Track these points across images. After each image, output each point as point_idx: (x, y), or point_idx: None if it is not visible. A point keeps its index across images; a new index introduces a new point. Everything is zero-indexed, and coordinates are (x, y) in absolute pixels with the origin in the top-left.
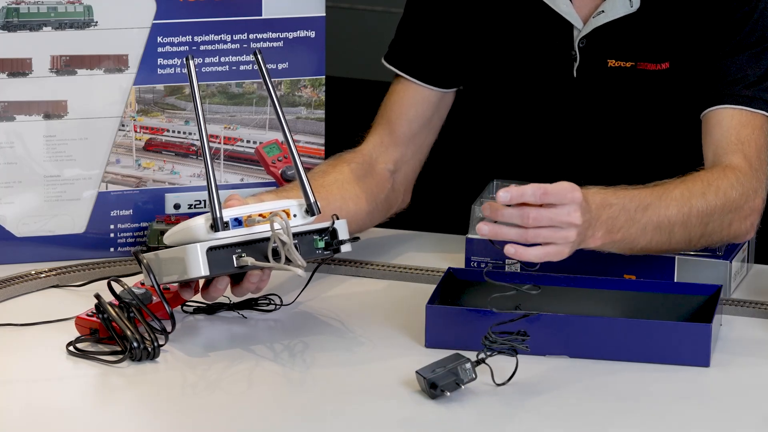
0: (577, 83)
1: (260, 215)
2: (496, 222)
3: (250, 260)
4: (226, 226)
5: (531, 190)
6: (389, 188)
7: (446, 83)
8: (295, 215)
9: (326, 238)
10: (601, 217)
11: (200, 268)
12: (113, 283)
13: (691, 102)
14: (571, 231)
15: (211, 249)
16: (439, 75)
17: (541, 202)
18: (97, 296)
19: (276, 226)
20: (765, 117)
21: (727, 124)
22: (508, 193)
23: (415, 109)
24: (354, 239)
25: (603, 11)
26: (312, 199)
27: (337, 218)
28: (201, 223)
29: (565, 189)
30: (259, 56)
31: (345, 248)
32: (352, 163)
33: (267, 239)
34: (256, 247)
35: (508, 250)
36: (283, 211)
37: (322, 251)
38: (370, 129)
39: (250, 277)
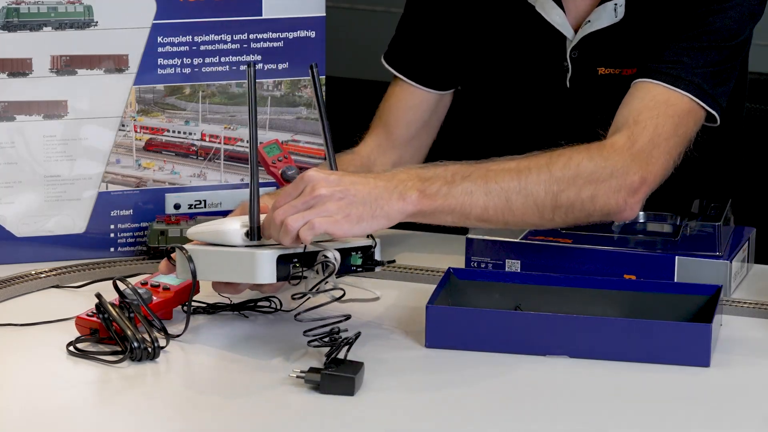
0: (569, 93)
1: None
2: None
3: (306, 273)
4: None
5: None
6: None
7: (443, 85)
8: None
9: (362, 256)
10: (410, 182)
11: (269, 275)
12: (119, 282)
13: None
14: (320, 205)
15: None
16: (436, 77)
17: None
18: (98, 296)
19: (327, 252)
20: (691, 103)
21: (635, 105)
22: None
23: (413, 111)
24: (390, 262)
25: (590, 21)
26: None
27: (374, 238)
28: (237, 228)
29: (298, 178)
30: (251, 70)
31: (377, 269)
32: (349, 166)
33: (315, 253)
34: (306, 258)
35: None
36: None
37: (356, 268)
38: (368, 130)
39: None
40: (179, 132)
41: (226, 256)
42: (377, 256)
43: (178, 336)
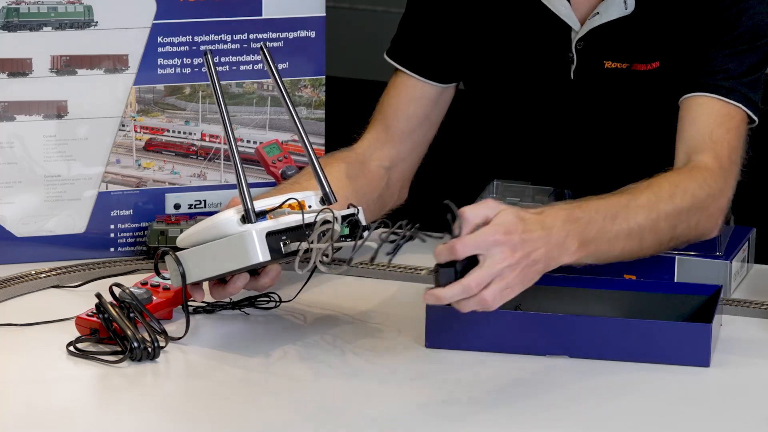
0: (574, 85)
1: (289, 206)
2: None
3: (303, 244)
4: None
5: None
6: (383, 186)
7: (445, 78)
8: (310, 206)
9: (347, 225)
10: (571, 232)
11: (260, 253)
12: (114, 288)
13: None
14: (501, 280)
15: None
16: (438, 70)
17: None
18: (98, 296)
19: (327, 216)
20: (743, 112)
21: (703, 121)
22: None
23: (413, 105)
24: (376, 224)
25: (598, 13)
26: (327, 189)
27: (354, 206)
28: (231, 215)
29: (481, 238)
30: (265, 50)
31: (366, 234)
32: (343, 163)
33: (308, 225)
34: (295, 234)
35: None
36: (300, 202)
37: (346, 239)
38: (368, 125)
39: (270, 272)
40: (179, 132)
41: (215, 248)
42: (363, 222)
43: (179, 338)
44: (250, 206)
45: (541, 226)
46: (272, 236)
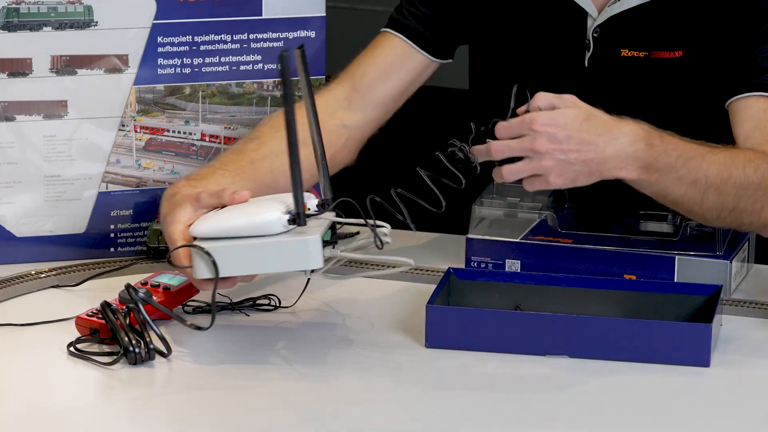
0: (588, 73)
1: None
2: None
3: (345, 254)
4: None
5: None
6: (339, 146)
7: (439, 52)
8: (309, 209)
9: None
10: (639, 152)
11: (319, 259)
12: (129, 290)
13: (705, 89)
14: (542, 165)
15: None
16: (435, 42)
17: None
18: (106, 304)
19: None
20: None
21: (760, 116)
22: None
23: (397, 73)
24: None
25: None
26: (328, 193)
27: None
28: (278, 216)
29: (527, 117)
30: (299, 54)
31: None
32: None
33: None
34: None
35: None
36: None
37: (331, 243)
38: (339, 77)
39: None
40: (179, 132)
41: (262, 248)
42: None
43: (207, 328)
44: (302, 209)
45: (603, 133)
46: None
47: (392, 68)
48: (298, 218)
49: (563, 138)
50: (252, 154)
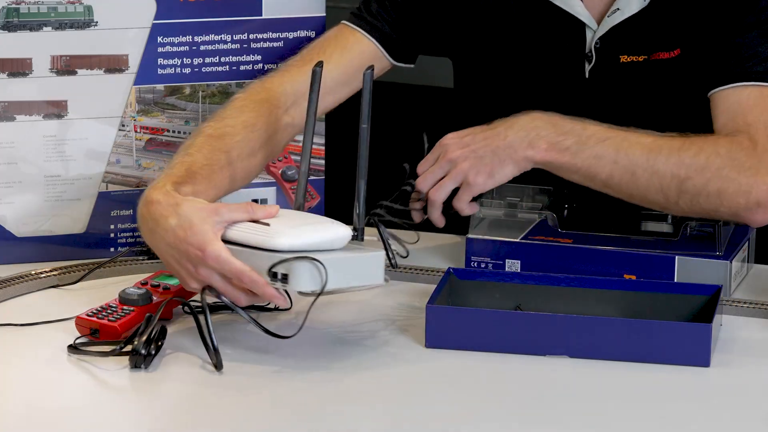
0: (589, 83)
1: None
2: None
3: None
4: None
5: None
6: (282, 144)
7: (408, 60)
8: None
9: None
10: (542, 131)
11: (383, 275)
12: (207, 290)
13: (702, 85)
14: (459, 168)
15: None
16: (405, 50)
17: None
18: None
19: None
20: None
21: (734, 109)
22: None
23: (358, 79)
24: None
25: (618, 9)
26: (301, 200)
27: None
28: (349, 233)
29: (437, 145)
30: (369, 74)
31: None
32: (255, 129)
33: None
34: None
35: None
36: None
37: None
38: (299, 62)
39: None
40: (179, 132)
41: (356, 262)
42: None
43: (291, 337)
44: (362, 225)
45: (508, 125)
46: None
47: (355, 73)
48: (360, 234)
49: (469, 140)
50: (221, 156)
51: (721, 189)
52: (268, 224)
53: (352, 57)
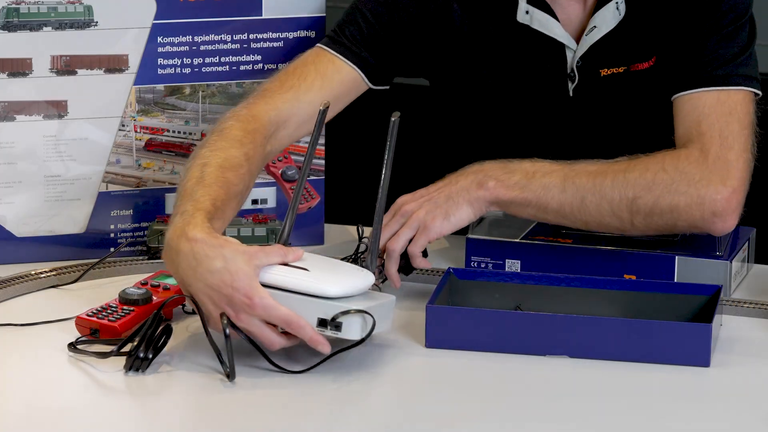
0: (573, 101)
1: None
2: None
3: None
4: None
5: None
6: (258, 170)
7: (384, 82)
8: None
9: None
10: (490, 171)
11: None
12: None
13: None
14: (414, 216)
15: None
16: (383, 74)
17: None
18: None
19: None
20: (743, 92)
21: (691, 117)
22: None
23: (336, 106)
24: None
25: (595, 26)
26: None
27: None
28: (373, 278)
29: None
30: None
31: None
32: (254, 161)
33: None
34: None
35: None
36: None
37: None
38: (285, 86)
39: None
40: (179, 132)
41: (384, 309)
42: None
43: (303, 371)
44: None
45: (459, 174)
46: None
47: (336, 103)
48: (383, 281)
49: (422, 192)
50: (232, 189)
51: (673, 204)
52: (305, 269)
53: (332, 86)
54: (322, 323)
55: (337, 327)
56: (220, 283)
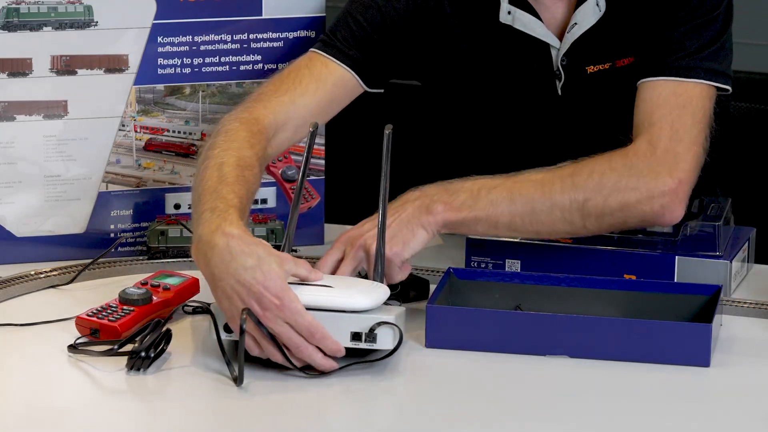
0: (562, 99)
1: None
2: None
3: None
4: None
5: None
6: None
7: (379, 86)
8: None
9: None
10: (436, 196)
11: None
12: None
13: None
14: (370, 248)
15: None
16: (378, 77)
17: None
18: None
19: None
20: (703, 86)
21: (646, 106)
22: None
23: (333, 109)
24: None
25: (576, 23)
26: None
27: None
28: (389, 291)
29: (335, 243)
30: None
31: None
32: (262, 162)
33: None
34: None
35: None
36: None
37: None
38: (281, 88)
39: None
40: (179, 132)
41: (402, 315)
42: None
43: (319, 374)
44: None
45: (405, 201)
46: None
47: (330, 105)
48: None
49: (369, 226)
50: (251, 188)
51: (623, 201)
52: (329, 286)
53: (327, 88)
54: (357, 336)
55: (373, 339)
56: (252, 280)
